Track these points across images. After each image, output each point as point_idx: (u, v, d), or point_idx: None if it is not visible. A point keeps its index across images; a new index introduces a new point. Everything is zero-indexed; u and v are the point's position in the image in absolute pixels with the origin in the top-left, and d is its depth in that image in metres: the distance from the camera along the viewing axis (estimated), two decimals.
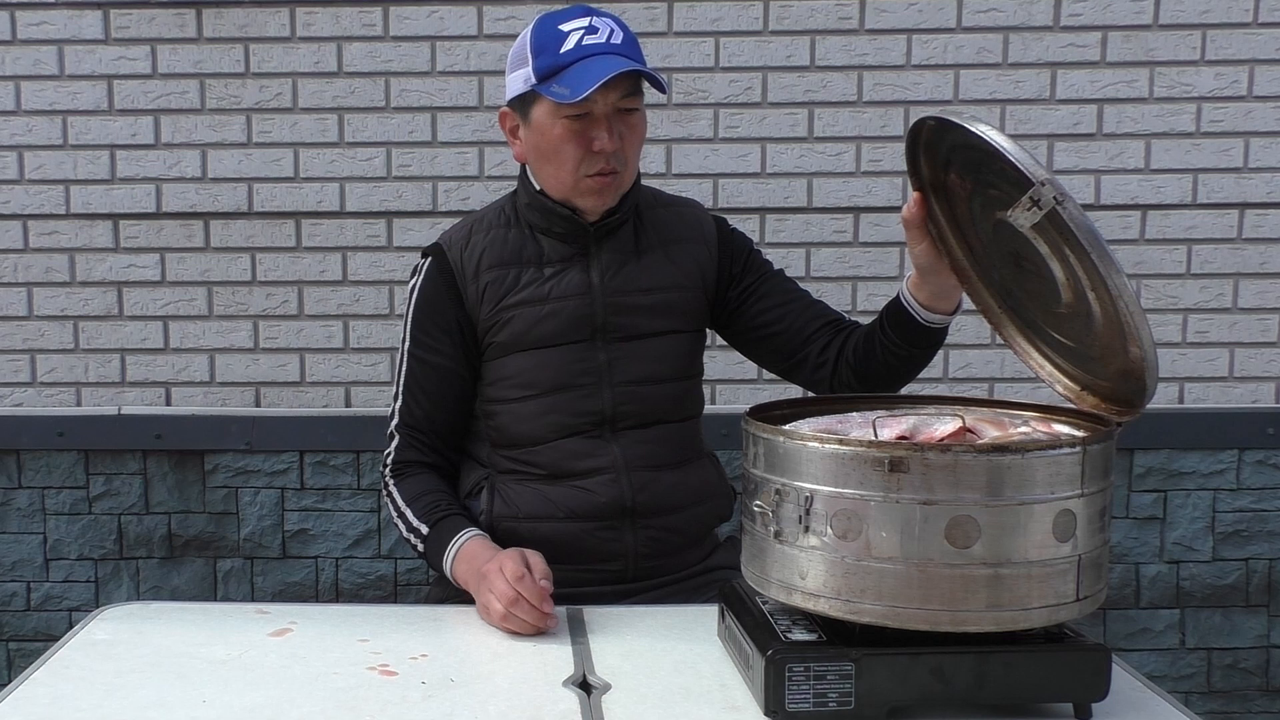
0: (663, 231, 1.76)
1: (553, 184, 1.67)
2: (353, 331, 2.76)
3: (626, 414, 1.70)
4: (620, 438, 1.70)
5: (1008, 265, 1.35)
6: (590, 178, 1.64)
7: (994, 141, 1.17)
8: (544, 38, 1.62)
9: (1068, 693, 1.19)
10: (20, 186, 2.72)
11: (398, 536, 1.74)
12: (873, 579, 1.13)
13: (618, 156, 1.63)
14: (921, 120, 1.31)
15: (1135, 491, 2.76)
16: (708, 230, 1.79)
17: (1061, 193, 1.13)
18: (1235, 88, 2.68)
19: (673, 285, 1.74)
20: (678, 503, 1.71)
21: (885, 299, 1.71)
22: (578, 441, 1.69)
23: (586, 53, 1.58)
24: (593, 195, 1.66)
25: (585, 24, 1.61)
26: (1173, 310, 2.74)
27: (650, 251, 1.74)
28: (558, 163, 1.64)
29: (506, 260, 1.70)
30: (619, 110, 1.62)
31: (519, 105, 1.67)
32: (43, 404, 2.77)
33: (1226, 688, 2.81)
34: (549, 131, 1.63)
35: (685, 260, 1.75)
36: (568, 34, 1.60)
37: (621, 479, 1.68)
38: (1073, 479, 1.13)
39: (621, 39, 1.62)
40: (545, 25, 1.63)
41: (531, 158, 1.69)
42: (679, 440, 1.75)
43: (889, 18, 2.67)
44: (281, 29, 2.68)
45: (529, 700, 1.25)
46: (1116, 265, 1.11)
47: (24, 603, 2.81)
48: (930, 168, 1.40)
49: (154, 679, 1.31)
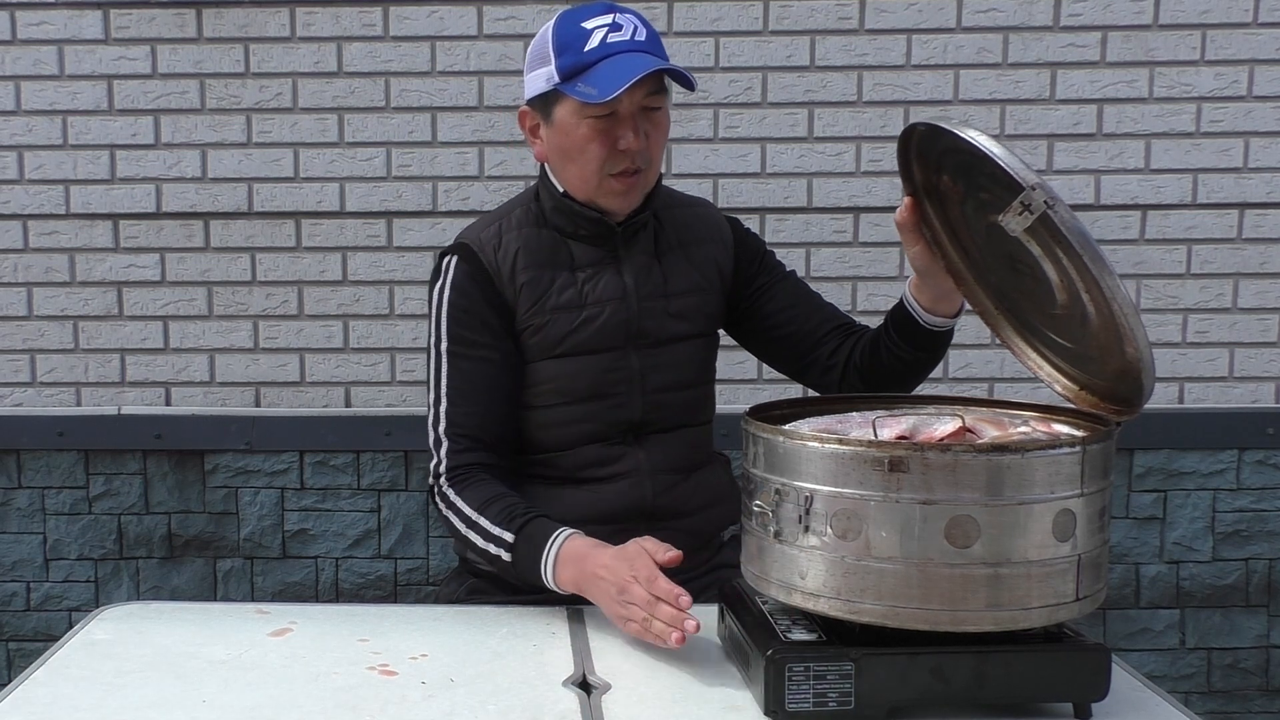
0: (681, 233, 1.74)
1: (576, 184, 1.64)
2: (353, 331, 2.76)
3: (654, 420, 1.68)
4: (645, 442, 1.68)
5: (1003, 267, 1.36)
6: (614, 177, 1.60)
7: (983, 146, 1.17)
8: (567, 35, 1.57)
9: (1068, 692, 1.19)
10: (20, 186, 2.72)
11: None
12: (872, 579, 1.13)
13: (642, 155, 1.60)
14: (912, 126, 1.32)
15: (1135, 491, 2.76)
16: (724, 231, 1.78)
17: (1052, 196, 1.13)
18: (1235, 88, 2.68)
19: (695, 288, 1.72)
20: (695, 505, 1.70)
21: (885, 299, 1.71)
22: (603, 448, 1.66)
23: (611, 50, 1.54)
24: (618, 196, 1.63)
25: (609, 21, 1.57)
26: (1173, 310, 2.73)
27: (670, 253, 1.71)
28: (582, 162, 1.60)
29: (542, 262, 1.65)
30: (643, 108, 1.59)
31: (540, 104, 1.63)
32: (43, 404, 2.77)
33: (1226, 688, 2.81)
34: (573, 131, 1.59)
35: (705, 262, 1.73)
36: (591, 31, 1.55)
37: (644, 483, 1.66)
38: (1072, 479, 1.13)
39: (645, 36, 1.58)
40: (567, 22, 1.58)
41: (554, 158, 1.65)
42: (696, 444, 1.74)
43: (889, 18, 2.67)
44: (281, 29, 2.67)
45: (529, 700, 1.25)
46: (1109, 267, 1.12)
47: (24, 603, 2.81)
48: (922, 172, 1.40)
49: (154, 679, 1.31)
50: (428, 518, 2.76)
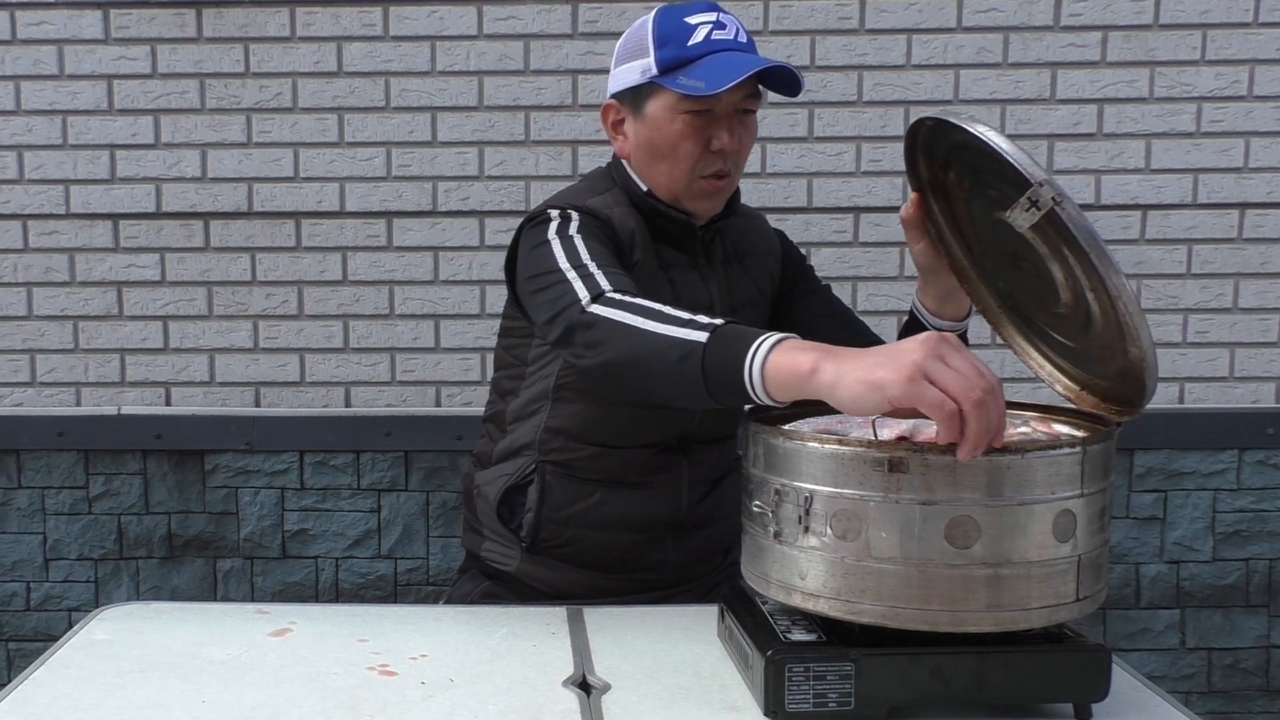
0: (740, 243, 1.70)
1: (664, 182, 1.58)
2: (353, 331, 2.76)
3: (703, 431, 1.66)
4: (690, 451, 1.65)
5: (1007, 265, 1.35)
6: (705, 179, 1.56)
7: (992, 142, 1.17)
8: (670, 28, 1.53)
9: (1068, 693, 1.18)
10: (20, 186, 2.72)
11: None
12: (872, 579, 1.13)
13: (733, 158, 1.56)
14: (920, 120, 1.31)
15: (1135, 491, 2.76)
16: (774, 242, 1.76)
17: (1060, 193, 1.13)
18: (1235, 88, 2.68)
19: (752, 301, 1.69)
20: (722, 514, 1.69)
21: (885, 299, 1.71)
22: (651, 453, 1.62)
23: (716, 47, 1.51)
24: (705, 198, 1.58)
25: (713, 19, 1.54)
26: (1173, 310, 2.73)
27: (731, 264, 1.68)
28: (673, 160, 1.55)
29: (648, 248, 1.57)
30: (739, 111, 1.55)
31: (630, 98, 1.58)
32: (43, 404, 2.77)
33: (1226, 688, 2.81)
34: (666, 126, 1.54)
35: (760, 273, 1.71)
36: (695, 27, 1.52)
37: (683, 494, 1.64)
38: (1073, 479, 1.13)
39: (746, 39, 1.56)
40: (670, 16, 1.54)
41: (641, 154, 1.59)
42: (728, 453, 1.72)
43: (889, 18, 2.67)
44: (281, 29, 2.68)
45: (529, 700, 1.25)
46: (1115, 266, 1.11)
47: (24, 603, 2.81)
48: (929, 168, 1.40)
49: (154, 679, 1.31)
50: (428, 518, 2.76)
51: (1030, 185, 1.15)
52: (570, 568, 1.64)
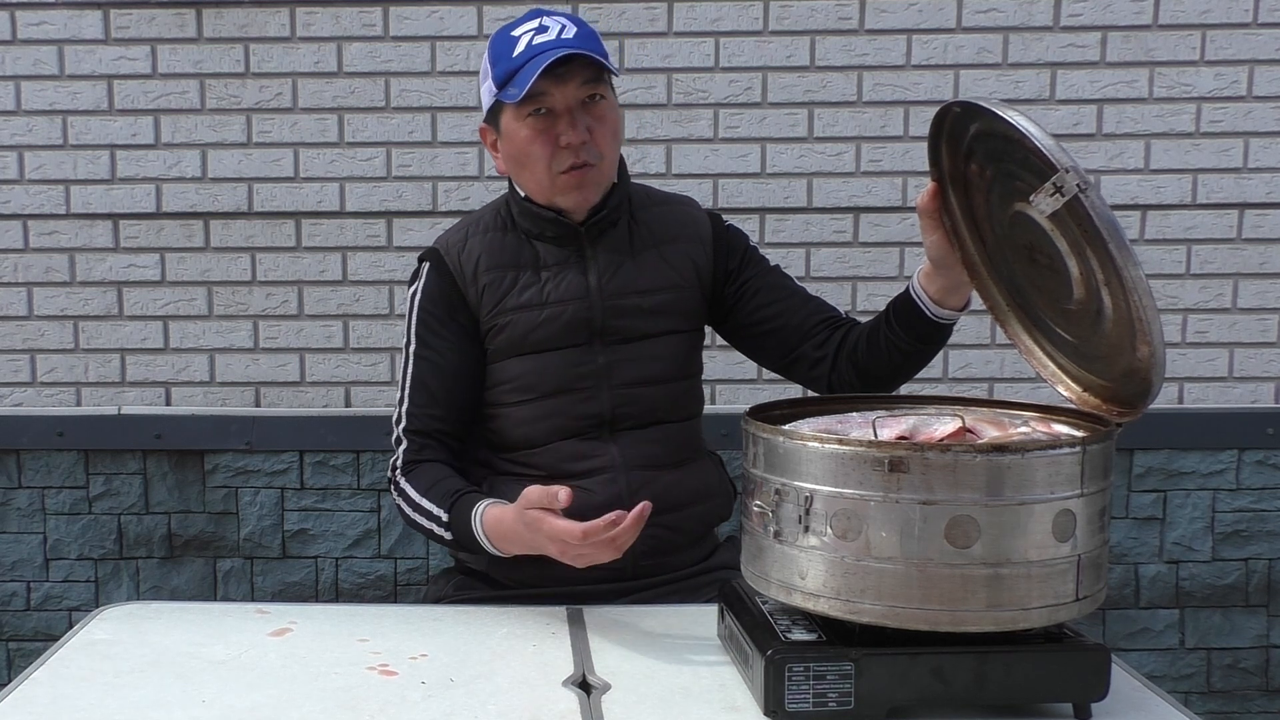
0: (657, 231, 1.76)
1: (533, 188, 1.68)
2: (353, 331, 2.76)
3: (626, 415, 1.70)
4: (619, 438, 1.69)
5: (1021, 259, 1.35)
6: (564, 174, 1.63)
7: (1021, 126, 1.16)
8: (499, 46, 1.64)
9: (1067, 693, 1.19)
10: (20, 186, 2.72)
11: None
12: (872, 579, 1.13)
13: (589, 149, 1.63)
14: (947, 106, 1.30)
15: (1135, 491, 2.76)
16: (703, 228, 1.78)
17: (1085, 181, 1.12)
18: (1235, 88, 2.68)
19: (669, 285, 1.73)
20: (676, 502, 1.70)
21: (885, 299, 1.70)
22: (576, 443, 1.69)
23: (536, 51, 1.59)
24: (571, 191, 1.65)
25: (535, 25, 1.62)
26: (1173, 310, 2.73)
27: (645, 251, 1.74)
28: (530, 165, 1.65)
29: (504, 263, 1.70)
30: (582, 103, 1.62)
31: (491, 119, 1.69)
32: (43, 404, 2.77)
33: (1226, 688, 2.81)
34: (516, 135, 1.64)
35: (680, 259, 1.75)
36: (518, 38, 1.62)
37: (619, 479, 1.67)
38: (1072, 479, 1.13)
39: (574, 34, 1.61)
40: (500, 35, 1.65)
41: (510, 166, 1.70)
42: (678, 440, 1.74)
43: (889, 18, 2.67)
44: (281, 29, 2.68)
45: (529, 700, 1.25)
46: (1134, 258, 1.11)
47: (24, 603, 2.81)
48: (951, 157, 1.39)
49: (154, 679, 1.31)
50: None
51: (1055, 171, 1.14)
52: (533, 562, 1.63)
